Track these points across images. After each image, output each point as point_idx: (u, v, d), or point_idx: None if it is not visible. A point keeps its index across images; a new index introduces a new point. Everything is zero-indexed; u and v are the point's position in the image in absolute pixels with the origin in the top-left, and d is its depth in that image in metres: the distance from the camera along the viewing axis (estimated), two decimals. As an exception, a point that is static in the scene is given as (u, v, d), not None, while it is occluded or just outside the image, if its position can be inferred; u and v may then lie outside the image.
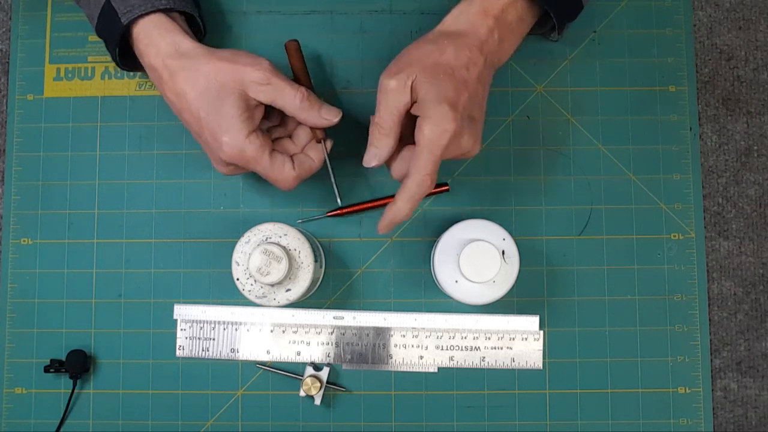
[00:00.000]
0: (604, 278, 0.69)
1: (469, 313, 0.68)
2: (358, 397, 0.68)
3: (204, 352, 0.68)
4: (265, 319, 0.68)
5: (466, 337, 0.68)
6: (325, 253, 0.69)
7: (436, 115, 0.55)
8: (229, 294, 0.68)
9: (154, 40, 0.59)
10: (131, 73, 0.70)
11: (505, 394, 0.68)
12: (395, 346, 0.68)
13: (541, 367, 0.68)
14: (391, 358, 0.68)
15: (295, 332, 0.68)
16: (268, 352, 0.68)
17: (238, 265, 0.61)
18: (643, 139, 0.70)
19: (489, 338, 0.68)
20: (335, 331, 0.68)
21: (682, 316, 0.68)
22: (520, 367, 0.68)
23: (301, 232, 0.62)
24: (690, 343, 0.68)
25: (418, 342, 0.68)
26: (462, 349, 0.68)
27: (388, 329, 0.68)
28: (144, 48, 0.60)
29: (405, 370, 0.68)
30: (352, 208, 0.68)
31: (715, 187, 0.71)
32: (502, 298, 0.62)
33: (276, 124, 0.64)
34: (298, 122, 0.62)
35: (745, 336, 0.70)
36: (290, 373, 0.68)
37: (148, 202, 0.70)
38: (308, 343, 0.68)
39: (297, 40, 0.64)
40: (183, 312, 0.68)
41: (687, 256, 0.69)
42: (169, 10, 0.60)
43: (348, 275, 0.69)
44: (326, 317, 0.68)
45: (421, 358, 0.68)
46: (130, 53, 0.63)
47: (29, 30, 0.71)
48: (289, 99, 0.59)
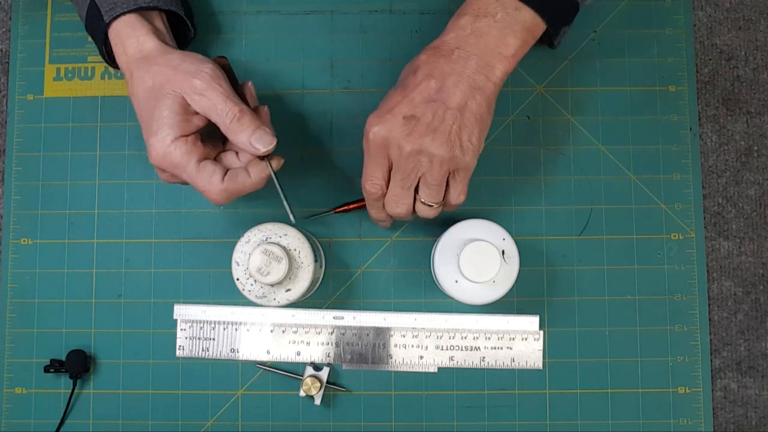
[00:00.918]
0: (604, 278, 0.69)
1: (469, 313, 0.68)
2: (358, 397, 0.68)
3: (204, 352, 0.68)
4: (265, 319, 0.68)
5: (466, 337, 0.68)
6: (325, 253, 0.69)
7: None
8: (229, 294, 0.68)
9: (123, 40, 0.58)
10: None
11: (505, 394, 0.68)
12: (395, 346, 0.68)
13: (541, 367, 0.68)
14: (391, 358, 0.68)
15: (295, 332, 0.68)
16: (268, 352, 0.68)
17: (238, 265, 0.61)
18: (643, 139, 0.70)
19: (489, 338, 0.68)
20: (335, 331, 0.68)
21: (682, 316, 0.68)
22: (520, 367, 0.68)
23: (301, 232, 0.62)
24: (690, 343, 0.68)
25: (418, 342, 0.68)
26: (462, 349, 0.68)
27: (388, 329, 0.68)
28: (114, 48, 0.59)
29: (405, 370, 0.68)
30: (359, 204, 0.68)
31: (715, 187, 0.71)
32: (502, 298, 0.62)
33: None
34: None
35: (745, 336, 0.70)
36: (290, 373, 0.68)
37: (148, 202, 0.69)
38: (308, 343, 0.68)
39: (225, 57, 0.60)
40: (183, 312, 0.68)
41: (687, 256, 0.69)
42: (151, 9, 0.60)
43: (348, 275, 0.69)
44: (326, 317, 0.68)
45: (421, 358, 0.68)
46: None
47: (29, 30, 0.71)
48: (220, 115, 0.56)
